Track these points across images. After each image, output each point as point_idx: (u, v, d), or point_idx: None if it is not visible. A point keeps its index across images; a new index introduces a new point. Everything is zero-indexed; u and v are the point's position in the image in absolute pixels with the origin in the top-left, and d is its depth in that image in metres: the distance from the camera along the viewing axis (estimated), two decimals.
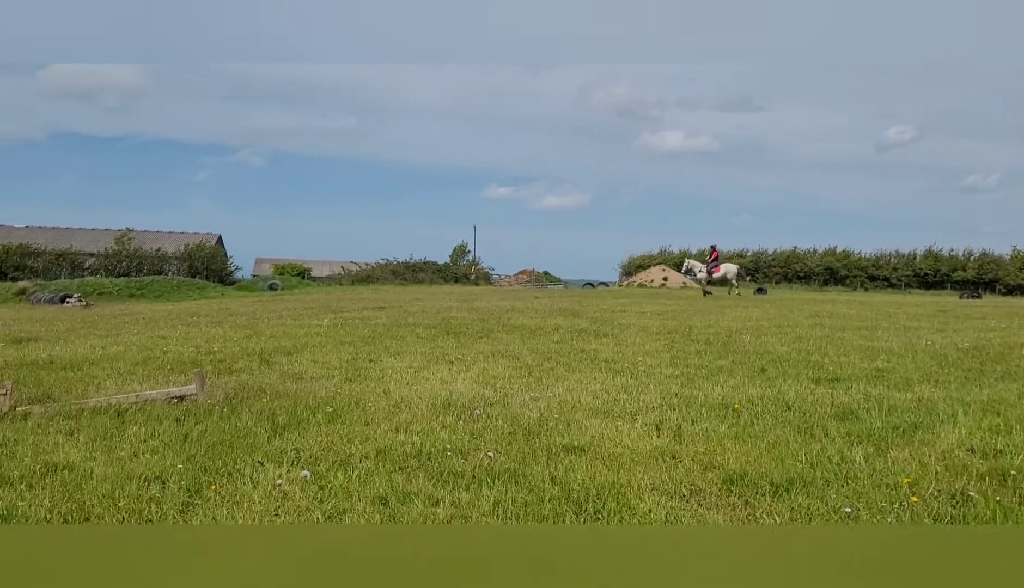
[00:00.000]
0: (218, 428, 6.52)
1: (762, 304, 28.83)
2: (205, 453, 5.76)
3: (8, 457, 5.68)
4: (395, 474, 5.30)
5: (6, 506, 4.52)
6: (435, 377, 9.49)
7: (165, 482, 5.07)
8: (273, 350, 12.13)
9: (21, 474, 5.22)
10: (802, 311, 23.40)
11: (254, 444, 6.06)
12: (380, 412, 7.27)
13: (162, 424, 6.67)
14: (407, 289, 39.44)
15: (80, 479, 5.10)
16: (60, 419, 6.95)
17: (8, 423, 6.84)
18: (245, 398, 7.90)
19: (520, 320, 17.84)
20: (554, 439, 6.25)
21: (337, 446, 6.00)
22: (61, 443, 6.09)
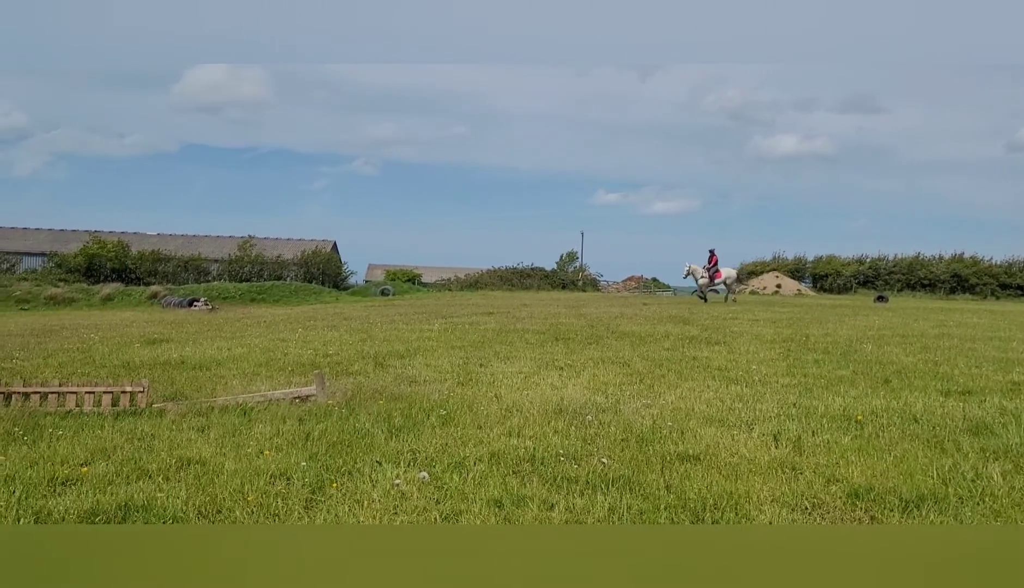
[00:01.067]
0: (338, 428, 6.73)
1: (883, 312, 27.61)
2: (326, 452, 5.96)
3: (146, 451, 6.03)
4: (509, 477, 5.34)
5: (147, 497, 4.80)
6: (545, 382, 9.51)
7: (290, 479, 5.27)
8: (387, 354, 12.43)
9: (159, 467, 5.53)
10: (927, 320, 22.27)
11: (372, 444, 6.22)
12: (492, 416, 7.34)
13: (285, 423, 6.93)
14: (515, 295, 39.72)
15: (212, 474, 5.36)
16: (192, 416, 7.33)
17: (145, 419, 7.26)
18: (362, 400, 8.12)
19: (629, 327, 17.68)
20: (668, 447, 6.15)
21: (452, 448, 6.09)
22: (193, 439, 6.42)
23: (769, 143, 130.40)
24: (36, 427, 6.81)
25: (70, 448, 6.08)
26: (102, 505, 4.62)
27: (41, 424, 6.93)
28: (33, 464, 5.56)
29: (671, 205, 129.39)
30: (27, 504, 4.65)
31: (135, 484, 5.11)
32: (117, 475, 5.32)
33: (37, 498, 4.80)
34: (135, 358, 12.14)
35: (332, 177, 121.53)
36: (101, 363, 11.61)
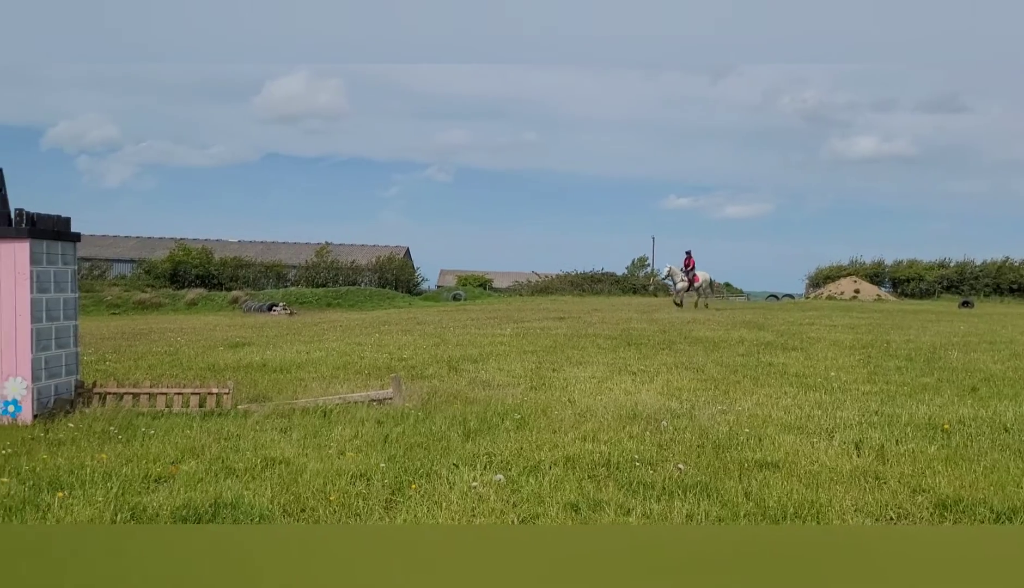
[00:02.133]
0: (415, 431, 6.85)
1: (969, 318, 26.60)
2: (404, 454, 6.07)
3: (233, 450, 6.24)
4: (585, 482, 5.35)
5: (235, 495, 4.97)
6: (618, 387, 9.49)
7: (370, 480, 5.39)
8: (460, 358, 12.57)
9: (245, 466, 5.72)
10: (1017, 326, 21.37)
11: (448, 447, 6.31)
12: (567, 420, 7.36)
13: (364, 425, 7.09)
14: (585, 300, 39.60)
15: (295, 473, 5.52)
16: (275, 417, 7.55)
17: (231, 419, 7.51)
18: (438, 403, 8.24)
19: (702, 332, 17.47)
20: (746, 454, 6.08)
21: (527, 452, 6.14)
22: (277, 440, 6.62)
23: (846, 145, 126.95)
24: (130, 426, 7.11)
25: (162, 447, 6.33)
26: (194, 502, 4.81)
27: (134, 424, 7.24)
28: (128, 461, 5.82)
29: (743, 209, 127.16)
30: (124, 500, 4.88)
31: (223, 482, 5.30)
32: (207, 473, 5.52)
33: (133, 494, 5.02)
34: (219, 361, 12.56)
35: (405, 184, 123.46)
36: (188, 366, 12.04)
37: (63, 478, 5.33)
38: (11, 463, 5.79)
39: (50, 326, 8.05)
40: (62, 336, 8.26)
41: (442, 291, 50.18)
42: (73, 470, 5.51)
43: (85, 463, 5.72)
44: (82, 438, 6.71)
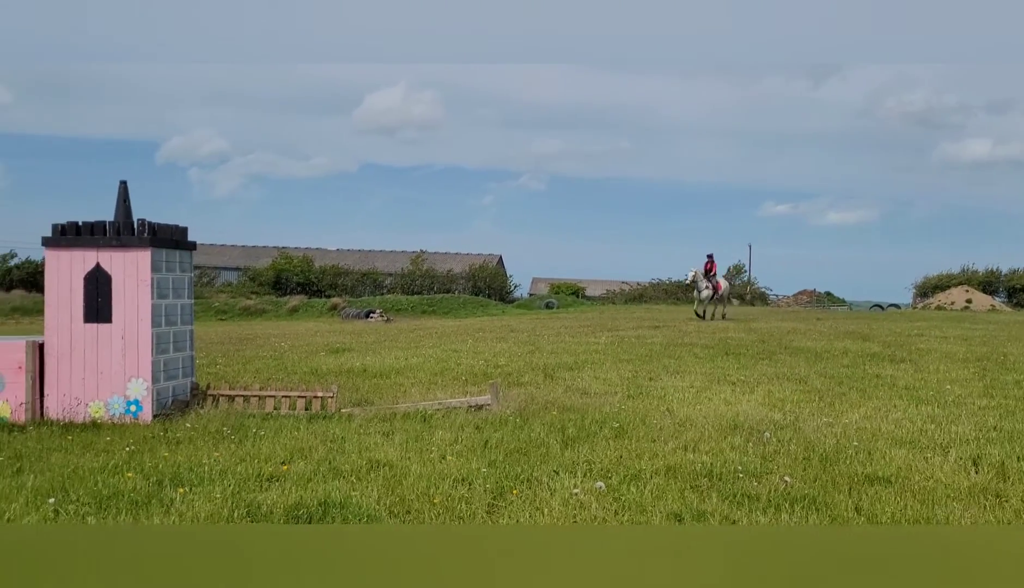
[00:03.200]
0: (513, 437, 6.91)
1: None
2: (504, 459, 6.13)
3: (338, 452, 6.43)
4: (687, 492, 5.29)
5: (343, 496, 5.13)
6: (718, 397, 9.33)
7: (471, 484, 5.47)
8: (555, 365, 12.58)
9: (351, 468, 5.88)
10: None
11: (547, 454, 6.34)
12: (666, 430, 7.28)
13: (464, 430, 7.19)
14: (680, 309, 39.01)
15: (400, 476, 5.64)
16: (377, 421, 7.74)
17: (335, 422, 7.74)
18: (535, 410, 8.28)
19: (803, 342, 16.99)
20: (855, 468, 5.89)
21: (627, 461, 6.11)
22: (380, 443, 6.78)
23: (957, 148, 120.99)
24: (242, 427, 7.41)
25: (271, 447, 6.58)
26: (305, 501, 4.98)
27: (246, 425, 7.54)
28: (241, 461, 6.07)
29: (846, 216, 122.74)
30: (240, 497, 5.09)
31: (331, 482, 5.47)
32: (315, 474, 5.71)
33: (248, 492, 5.23)
34: (322, 366, 12.94)
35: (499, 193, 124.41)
36: (292, 370, 12.46)
37: (183, 475, 5.60)
38: (135, 460, 6.12)
39: (168, 330, 8.47)
40: (179, 340, 8.68)
41: (534, 299, 50.33)
42: (192, 468, 5.79)
43: (202, 461, 6.00)
44: (198, 437, 7.03)
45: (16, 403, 8.06)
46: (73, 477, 5.56)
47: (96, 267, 8.20)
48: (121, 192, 8.52)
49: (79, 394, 8.11)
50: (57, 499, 5.00)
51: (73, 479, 5.51)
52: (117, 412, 8.06)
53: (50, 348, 8.19)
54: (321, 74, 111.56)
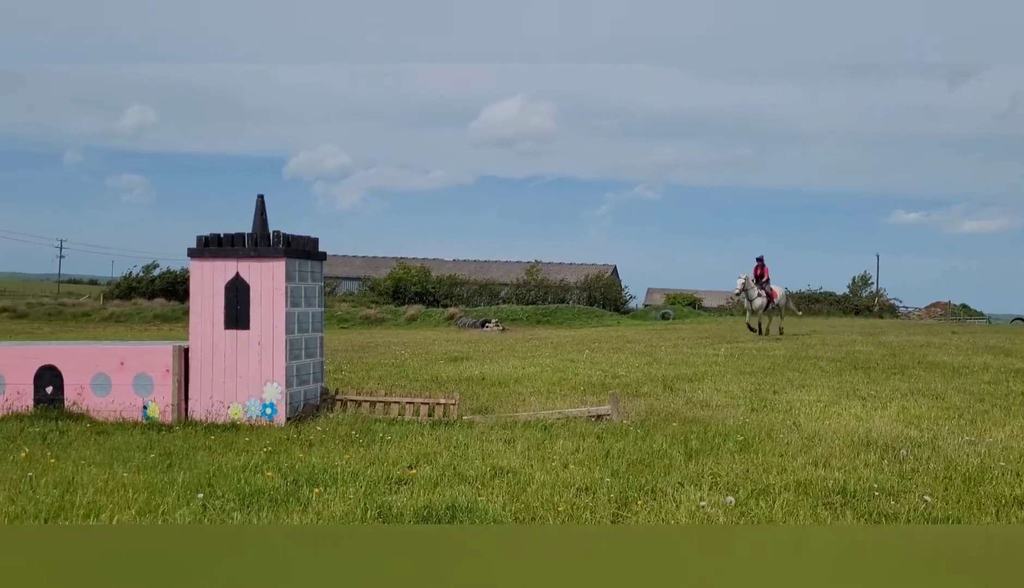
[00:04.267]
0: (635, 448, 6.86)
1: None
2: (627, 469, 6.10)
3: (462, 458, 6.56)
4: (819, 509, 5.13)
5: (469, 500, 5.23)
6: (847, 412, 8.99)
7: (595, 493, 5.47)
8: (674, 377, 12.41)
9: (475, 474, 5.99)
10: None
11: (671, 465, 6.27)
12: (794, 444, 7.07)
13: (585, 440, 7.20)
14: (802, 321, 37.76)
15: (523, 483, 5.71)
16: (498, 428, 7.84)
17: (457, 429, 7.89)
18: (656, 421, 8.20)
19: (938, 357, 16.12)
20: (1002, 489, 5.55)
21: (754, 475, 5.97)
22: (502, 450, 6.87)
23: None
24: (369, 431, 7.66)
25: (398, 451, 6.77)
26: (433, 504, 5.11)
27: (372, 429, 7.78)
28: (371, 464, 6.27)
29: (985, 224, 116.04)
30: (371, 499, 5.26)
31: (457, 487, 5.59)
32: (441, 478, 5.84)
33: (379, 494, 5.41)
34: (441, 373, 13.22)
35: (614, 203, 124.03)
36: (413, 377, 12.78)
37: (317, 475, 5.84)
38: (273, 459, 6.43)
39: (301, 337, 8.86)
40: (310, 347, 9.06)
41: (650, 310, 49.75)
42: (326, 469, 6.03)
43: (335, 463, 6.24)
44: (329, 440, 7.31)
45: (164, 404, 8.60)
46: (218, 474, 5.89)
47: (236, 276, 8.66)
48: (258, 205, 8.98)
49: (220, 396, 8.57)
50: (205, 494, 5.31)
51: (218, 476, 5.84)
52: (254, 414, 8.47)
53: (194, 352, 8.70)
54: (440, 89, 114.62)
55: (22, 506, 5.03)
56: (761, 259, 24.70)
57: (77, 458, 6.51)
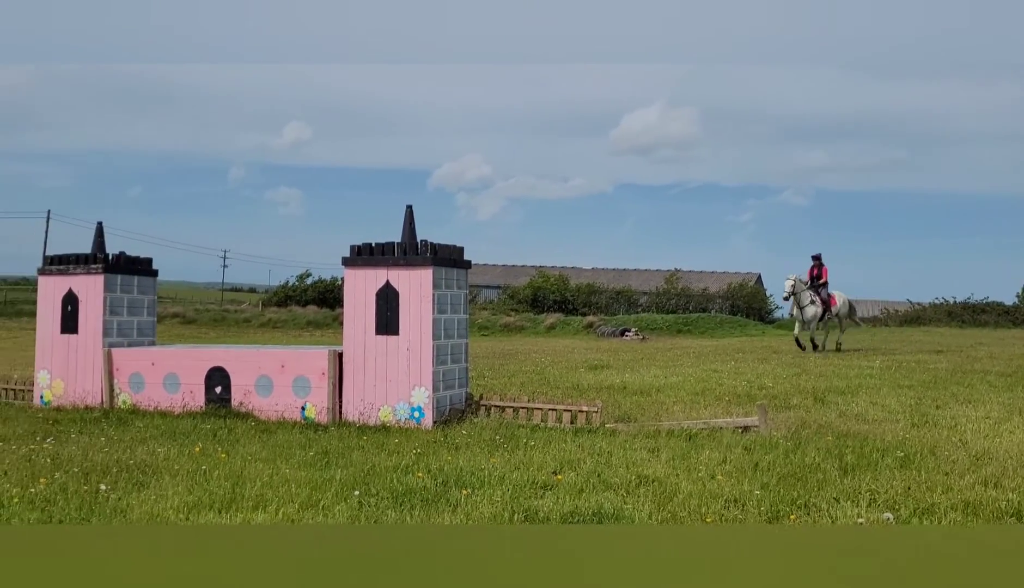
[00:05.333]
0: (786, 461, 6.64)
1: None
2: (777, 483, 5.91)
3: (606, 466, 6.55)
4: None
5: (615, 507, 5.22)
6: (1021, 430, 8.34)
7: (744, 505, 5.34)
8: (826, 389, 11.91)
9: (620, 482, 5.97)
10: None
11: (824, 480, 6.03)
12: (960, 463, 6.64)
13: (732, 451, 7.03)
14: (965, 332, 35.33)
15: (669, 492, 5.64)
16: (641, 437, 7.78)
17: (600, 436, 7.89)
18: (807, 434, 7.90)
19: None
20: None
21: (916, 493, 5.65)
22: (647, 458, 6.82)
23: None
24: (513, 436, 7.78)
25: (542, 457, 6.84)
26: (579, 509, 5.14)
27: (516, 434, 7.90)
28: (516, 468, 6.37)
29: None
30: (518, 502, 5.35)
31: (602, 494, 5.59)
32: (585, 485, 5.86)
33: (524, 498, 5.49)
34: (582, 381, 13.24)
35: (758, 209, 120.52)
36: (554, 384, 12.86)
37: (465, 478, 5.99)
38: (423, 461, 6.64)
39: (447, 343, 9.11)
40: (455, 353, 9.30)
41: None
42: (473, 471, 6.18)
43: (481, 466, 6.38)
44: (474, 444, 7.48)
45: (320, 405, 9.06)
46: (372, 474, 6.15)
47: (386, 284, 9.01)
48: (407, 216, 9.31)
49: (371, 399, 8.94)
50: (360, 492, 5.55)
51: (372, 476, 6.09)
52: (403, 417, 8.78)
53: (348, 357, 9.11)
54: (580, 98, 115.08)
55: (198, 496, 5.43)
56: (818, 258, 20.62)
57: (244, 454, 6.96)
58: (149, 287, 11.02)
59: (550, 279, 52.34)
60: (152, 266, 11.10)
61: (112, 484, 5.76)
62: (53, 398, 10.49)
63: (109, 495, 5.46)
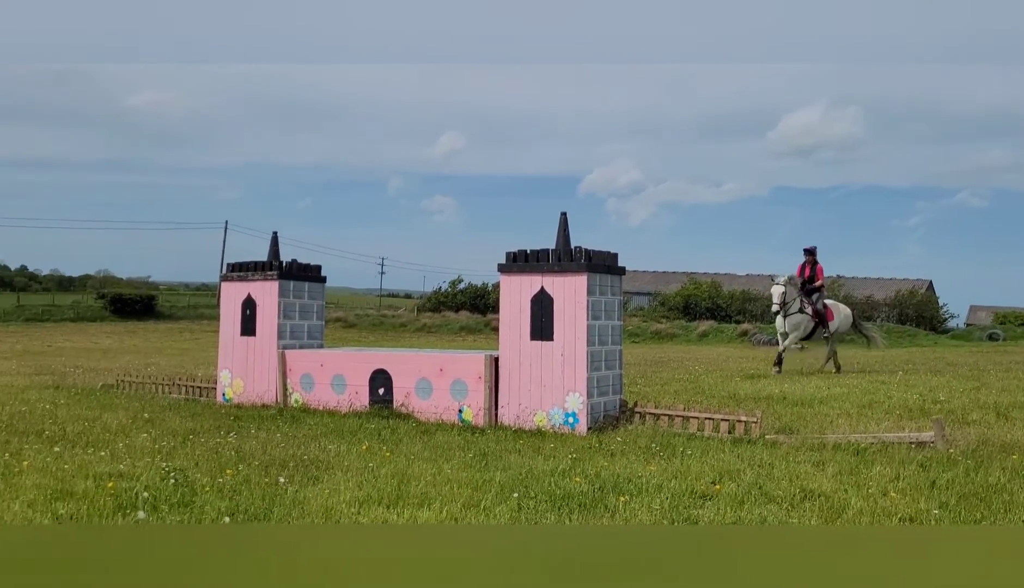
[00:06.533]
0: (967, 480, 6.21)
1: None
2: (957, 503, 5.55)
3: (767, 478, 6.35)
4: None
5: (778, 520, 5.07)
6: None
7: (921, 524, 5.04)
8: (1009, 404, 11.02)
9: (783, 495, 5.77)
10: None
11: (1011, 502, 5.59)
12: None
13: (905, 467, 6.64)
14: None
15: (837, 508, 5.41)
16: (804, 450, 7.49)
17: (760, 447, 7.65)
18: (990, 452, 7.35)
19: None
20: None
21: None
22: (811, 472, 6.56)
23: None
24: (669, 445, 7.69)
25: (700, 466, 6.72)
26: (742, 521, 5.02)
27: (672, 443, 7.80)
28: (674, 477, 6.29)
29: None
30: (677, 511, 5.29)
31: (765, 506, 5.43)
32: (747, 496, 5.71)
33: (684, 507, 5.42)
34: (738, 390, 12.88)
35: (929, 212, 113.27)
36: (709, 393, 12.58)
37: (622, 485, 5.98)
38: (579, 467, 6.68)
39: (601, 350, 9.12)
40: (609, 359, 9.29)
41: (973, 330, 44.56)
42: (630, 478, 6.16)
43: (638, 473, 6.35)
44: (629, 451, 7.44)
45: (477, 408, 9.28)
46: (529, 477, 6.25)
47: (541, 290, 9.13)
48: (562, 222, 9.39)
49: (526, 404, 9.07)
50: (519, 494, 5.65)
51: (529, 479, 6.19)
52: (557, 422, 8.86)
53: (504, 361, 9.29)
54: (734, 100, 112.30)
55: (367, 492, 5.70)
56: (812, 252, 16.13)
57: (407, 453, 7.25)
58: (318, 293, 11.67)
59: (702, 286, 51.26)
60: (321, 273, 11.75)
61: (289, 477, 6.15)
62: (234, 396, 11.30)
63: (287, 488, 5.83)
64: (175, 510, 5.18)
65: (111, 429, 8.59)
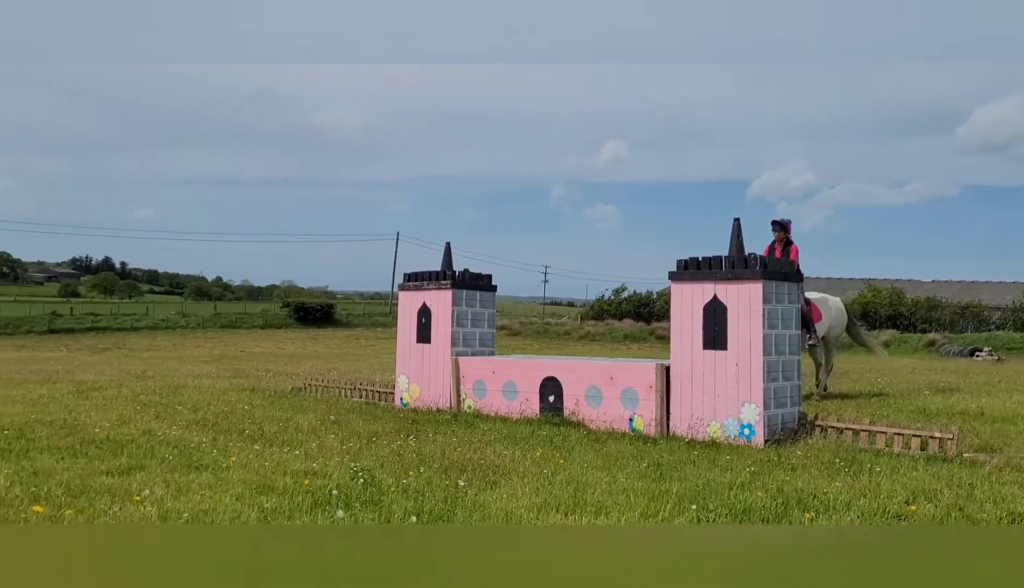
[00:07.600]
0: None
1: None
2: None
3: (967, 499, 5.91)
4: None
5: None
6: None
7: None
8: None
9: (987, 518, 5.36)
10: None
11: None
12: None
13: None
14: None
15: None
16: (1009, 470, 6.91)
17: (958, 466, 7.13)
18: None
19: None
20: None
21: None
22: (1018, 494, 6.04)
23: None
24: (855, 461, 7.31)
25: (891, 485, 6.34)
26: None
27: (858, 458, 7.41)
28: (862, 495, 5.98)
29: None
30: None
31: (967, 530, 5.06)
32: (945, 518, 5.35)
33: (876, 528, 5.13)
34: (928, 405, 12.05)
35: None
36: (896, 407, 11.85)
37: (806, 500, 5.74)
38: (758, 480, 6.48)
39: (778, 359, 8.80)
40: (787, 370, 8.95)
41: None
42: (815, 494, 5.91)
43: (823, 489, 6.08)
44: (811, 465, 7.14)
45: (648, 418, 9.20)
46: (707, 489, 6.13)
47: (713, 298, 8.94)
48: (735, 228, 9.16)
49: (699, 414, 8.90)
50: (697, 506, 5.56)
51: (707, 491, 6.07)
52: (732, 434, 8.63)
53: (675, 371, 9.17)
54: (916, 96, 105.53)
55: (544, 498, 5.78)
56: (783, 225, 12.65)
57: (581, 461, 7.29)
58: (489, 301, 11.97)
59: (881, 293, 48.36)
60: (491, 282, 12.05)
61: (469, 481, 6.33)
62: (411, 400, 11.78)
63: (467, 490, 6.02)
64: (366, 508, 5.46)
65: (303, 429, 9.18)
